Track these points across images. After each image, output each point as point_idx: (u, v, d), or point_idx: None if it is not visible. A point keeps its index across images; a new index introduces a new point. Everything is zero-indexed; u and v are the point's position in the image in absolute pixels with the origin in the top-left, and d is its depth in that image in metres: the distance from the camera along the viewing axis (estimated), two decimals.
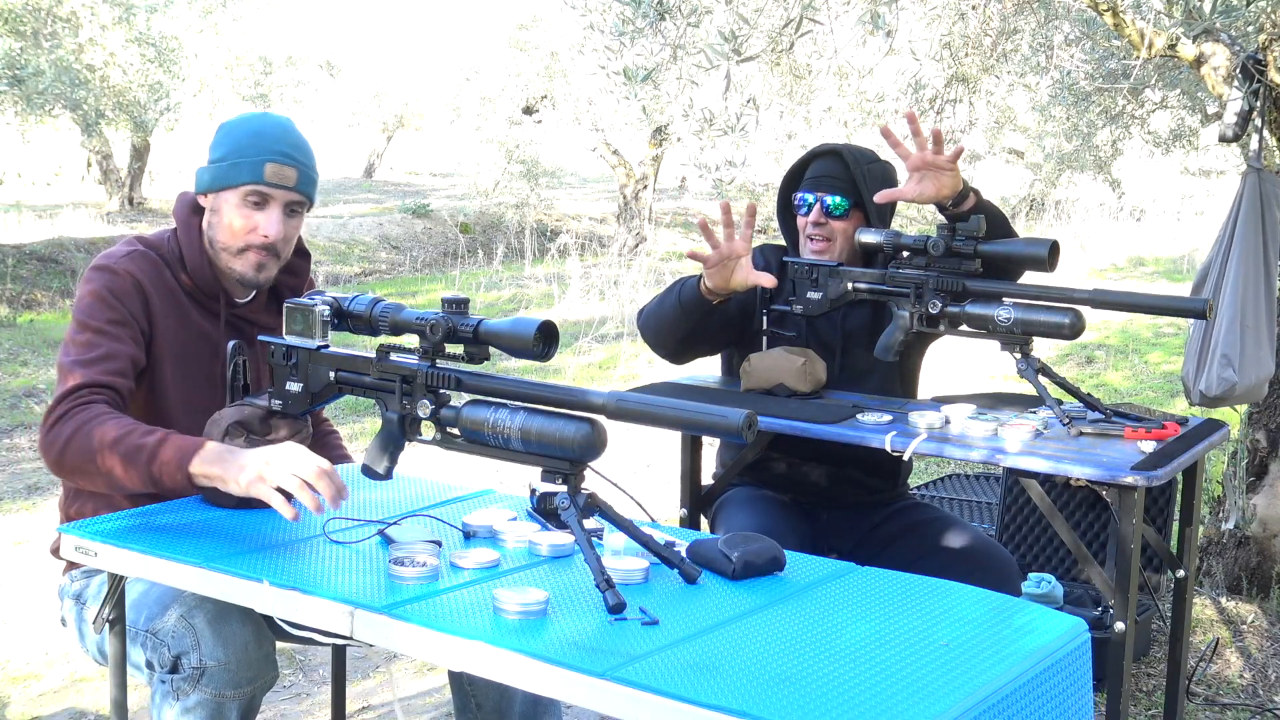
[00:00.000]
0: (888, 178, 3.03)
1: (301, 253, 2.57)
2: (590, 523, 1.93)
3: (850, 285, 2.97)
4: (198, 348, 2.42)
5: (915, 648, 1.73)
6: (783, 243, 3.19)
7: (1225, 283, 3.62)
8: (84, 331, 2.32)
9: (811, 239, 3.03)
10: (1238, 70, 3.45)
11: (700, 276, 2.84)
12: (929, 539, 2.91)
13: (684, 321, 2.89)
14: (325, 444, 2.73)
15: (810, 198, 3.02)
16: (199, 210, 2.46)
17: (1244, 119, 3.50)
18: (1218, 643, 3.79)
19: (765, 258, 3.09)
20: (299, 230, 2.48)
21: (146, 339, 2.37)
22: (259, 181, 2.36)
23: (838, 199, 2.99)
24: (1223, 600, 4.05)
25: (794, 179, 3.10)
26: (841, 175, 2.99)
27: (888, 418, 2.82)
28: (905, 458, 2.74)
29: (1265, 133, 3.66)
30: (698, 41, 3.36)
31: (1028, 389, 2.97)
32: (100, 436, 2.16)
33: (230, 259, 2.41)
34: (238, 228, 2.39)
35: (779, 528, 2.76)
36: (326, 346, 2.17)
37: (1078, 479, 2.64)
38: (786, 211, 3.14)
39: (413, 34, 16.72)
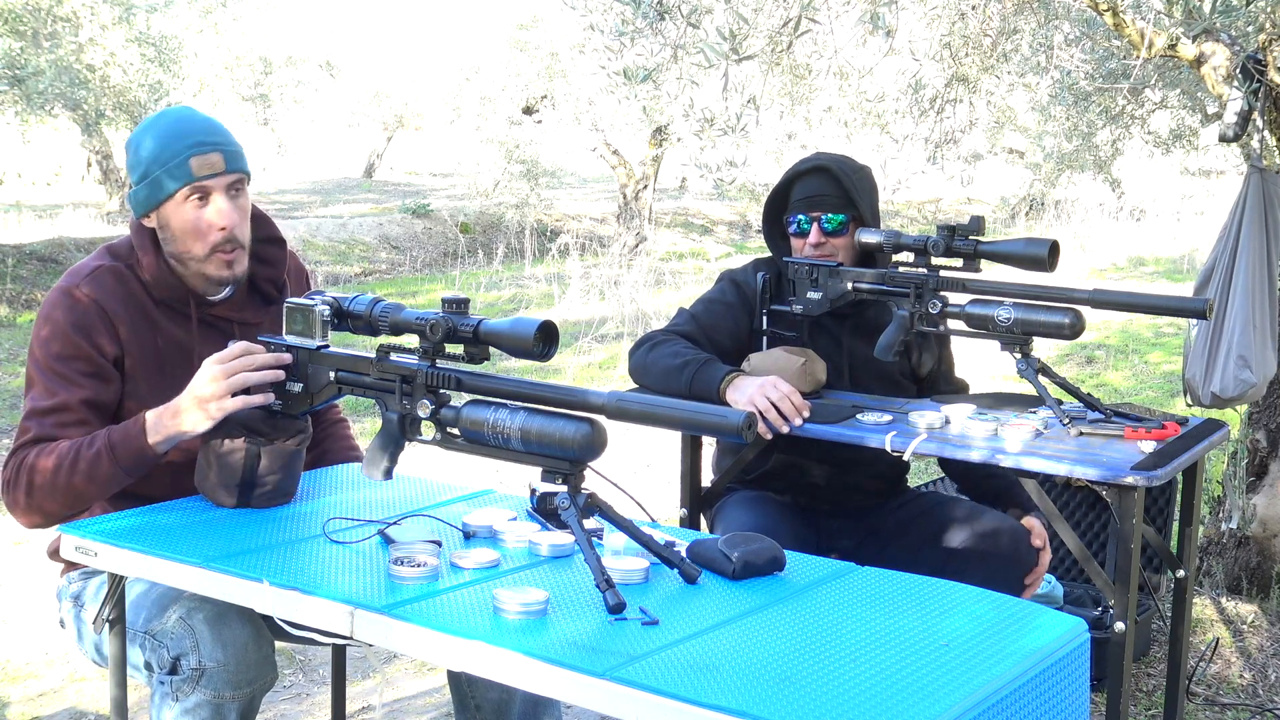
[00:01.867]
0: (871, 181, 3.05)
1: (275, 240, 2.54)
2: (590, 523, 1.93)
3: (850, 285, 2.97)
4: (172, 356, 2.39)
5: (915, 648, 1.73)
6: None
7: (1235, 284, 3.61)
8: (42, 374, 2.32)
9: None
10: (1238, 70, 3.44)
11: (722, 379, 2.80)
12: (934, 524, 2.89)
13: (686, 396, 2.81)
14: (334, 434, 2.73)
15: (805, 220, 3.01)
16: (147, 229, 2.41)
17: (1244, 119, 3.50)
18: (1218, 643, 3.78)
19: (760, 270, 3.07)
20: (249, 208, 2.43)
21: (116, 361, 2.34)
22: (191, 180, 2.33)
23: (834, 216, 2.99)
24: (1223, 600, 4.05)
25: (781, 196, 3.08)
26: (834, 192, 2.98)
27: (888, 418, 2.82)
28: (905, 458, 2.74)
29: (1265, 133, 3.66)
30: (697, 41, 3.35)
31: (1028, 389, 2.97)
32: (53, 473, 2.23)
33: (200, 266, 2.37)
34: (192, 231, 2.35)
35: (778, 528, 2.75)
36: (326, 346, 2.17)
37: (1078, 479, 2.64)
38: (775, 227, 3.12)
39: (413, 34, 16.72)
